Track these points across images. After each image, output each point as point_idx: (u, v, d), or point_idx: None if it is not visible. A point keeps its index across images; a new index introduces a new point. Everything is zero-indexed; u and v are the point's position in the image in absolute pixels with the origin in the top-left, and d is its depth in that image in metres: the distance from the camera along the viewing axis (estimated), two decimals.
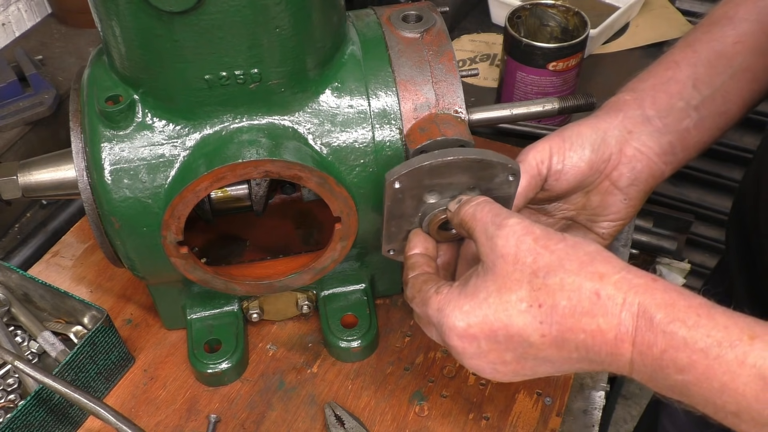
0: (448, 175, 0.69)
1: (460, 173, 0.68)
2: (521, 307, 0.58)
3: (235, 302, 0.93)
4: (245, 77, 0.70)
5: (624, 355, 0.55)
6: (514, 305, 0.58)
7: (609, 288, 0.55)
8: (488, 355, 0.60)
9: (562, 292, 0.56)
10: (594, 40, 1.35)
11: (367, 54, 0.78)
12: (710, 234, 1.91)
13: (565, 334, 0.56)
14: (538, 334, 0.57)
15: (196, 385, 0.90)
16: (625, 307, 0.54)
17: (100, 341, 0.86)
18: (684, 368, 0.53)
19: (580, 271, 0.56)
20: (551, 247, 0.58)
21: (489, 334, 0.59)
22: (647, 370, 0.55)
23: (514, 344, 0.59)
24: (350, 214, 0.78)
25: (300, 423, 0.86)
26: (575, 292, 0.56)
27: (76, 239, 1.09)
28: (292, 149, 0.73)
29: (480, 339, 0.59)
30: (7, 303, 0.95)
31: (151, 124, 0.74)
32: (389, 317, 0.96)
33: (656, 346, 0.53)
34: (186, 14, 0.64)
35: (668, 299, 0.54)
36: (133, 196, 0.74)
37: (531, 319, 0.57)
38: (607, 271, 0.56)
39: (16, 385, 0.90)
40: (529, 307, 0.57)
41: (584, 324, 0.55)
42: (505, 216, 0.61)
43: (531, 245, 0.58)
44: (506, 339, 0.59)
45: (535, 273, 0.58)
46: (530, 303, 0.57)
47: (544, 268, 0.57)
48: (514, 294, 0.58)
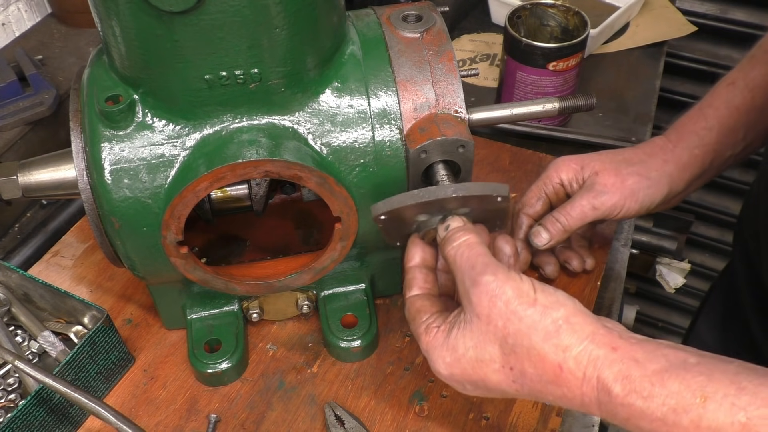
0: (435, 207, 0.69)
1: (447, 204, 0.69)
2: (495, 366, 0.62)
3: (235, 302, 0.93)
4: (245, 77, 0.70)
5: (593, 414, 0.60)
6: (488, 364, 0.62)
7: (570, 362, 0.58)
8: (474, 392, 0.66)
9: (530, 361, 0.60)
10: (594, 40, 1.35)
11: (367, 54, 0.78)
12: (710, 234, 1.91)
13: (536, 394, 0.62)
14: (512, 390, 0.62)
15: (196, 385, 0.90)
16: (585, 382, 0.58)
17: (100, 341, 0.86)
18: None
19: (545, 343, 0.59)
20: (520, 313, 0.60)
21: (470, 381, 0.64)
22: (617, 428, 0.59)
23: (494, 391, 0.64)
24: (350, 214, 0.78)
25: (300, 423, 0.86)
26: (540, 362, 0.59)
27: (76, 239, 1.09)
28: (292, 149, 0.73)
29: (464, 383, 0.65)
30: (7, 303, 0.95)
31: (151, 124, 0.74)
32: (389, 317, 0.96)
33: (619, 415, 0.57)
34: (186, 14, 0.64)
35: (624, 371, 0.56)
36: (133, 196, 0.74)
37: (504, 378, 0.62)
38: (571, 342, 0.58)
39: (17, 385, 0.90)
40: (502, 368, 0.62)
41: (551, 390, 0.60)
42: (479, 271, 0.63)
43: (502, 309, 0.61)
44: (485, 387, 0.64)
45: (505, 338, 0.61)
46: (502, 364, 0.62)
47: (513, 334, 0.60)
48: (488, 353, 0.62)
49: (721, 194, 1.82)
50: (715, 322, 1.09)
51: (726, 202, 1.82)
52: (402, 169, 0.78)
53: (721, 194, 1.81)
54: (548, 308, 0.60)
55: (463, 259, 0.64)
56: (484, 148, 1.19)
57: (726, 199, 1.82)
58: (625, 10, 1.41)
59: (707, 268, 1.98)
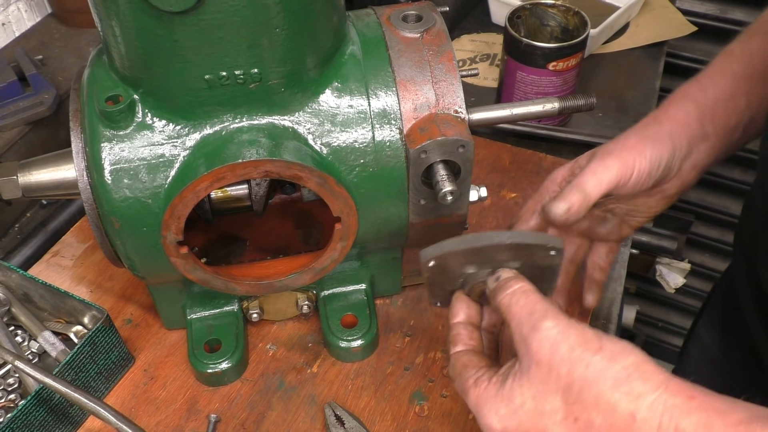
0: (485, 258, 0.67)
1: (498, 254, 0.66)
2: (556, 418, 0.57)
3: (235, 302, 0.93)
4: (245, 77, 0.70)
5: None
6: (549, 416, 0.57)
7: (644, 411, 0.54)
8: None
9: (597, 410, 0.55)
10: (594, 40, 1.35)
11: (367, 54, 0.78)
12: (710, 234, 1.91)
13: None
14: None
15: (196, 385, 0.90)
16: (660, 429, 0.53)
17: (100, 341, 0.86)
18: None
19: (615, 390, 0.55)
20: (587, 359, 0.56)
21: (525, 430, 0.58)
22: None
23: None
24: (350, 214, 0.78)
25: (300, 423, 0.86)
26: (610, 412, 0.55)
27: (76, 239, 1.09)
28: (292, 149, 0.73)
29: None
30: (7, 303, 0.95)
31: (151, 124, 0.74)
32: (389, 317, 0.96)
33: None
34: (186, 14, 0.64)
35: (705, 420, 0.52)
36: (133, 196, 0.74)
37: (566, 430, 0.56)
38: (644, 390, 0.54)
39: (17, 385, 0.90)
40: (564, 419, 0.57)
41: None
42: (539, 316, 0.59)
43: (566, 355, 0.57)
44: None
45: (569, 386, 0.56)
46: (565, 415, 0.56)
47: (579, 381, 0.56)
48: (549, 404, 0.57)
49: (721, 194, 1.82)
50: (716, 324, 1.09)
51: (726, 202, 1.82)
52: (402, 169, 0.78)
53: (721, 194, 1.81)
54: (616, 355, 0.56)
55: (519, 305, 0.61)
56: (484, 148, 1.19)
57: (726, 199, 1.82)
58: (625, 10, 1.41)
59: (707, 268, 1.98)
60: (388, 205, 0.80)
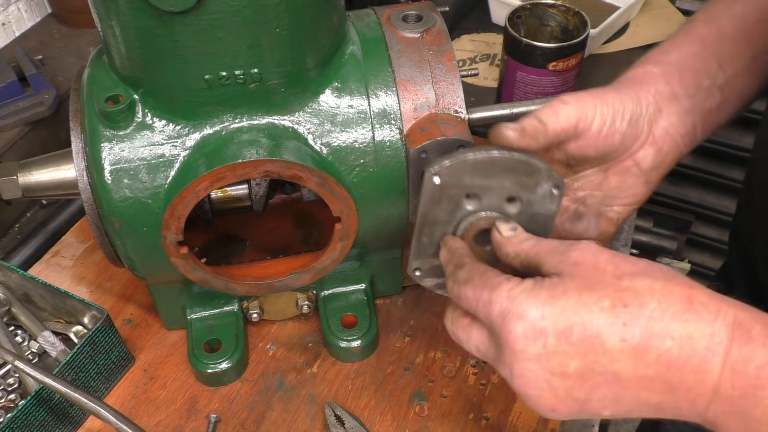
0: (491, 176, 0.64)
1: (502, 175, 0.64)
2: (604, 304, 0.51)
3: (235, 302, 0.93)
4: (245, 77, 0.70)
5: (711, 372, 0.49)
6: (596, 302, 0.51)
7: (701, 296, 0.51)
8: (551, 358, 0.52)
9: (652, 295, 0.51)
10: (594, 40, 1.35)
11: (367, 54, 0.78)
12: (710, 234, 1.91)
13: (648, 341, 0.50)
14: (617, 337, 0.51)
15: (196, 385, 0.90)
16: (719, 316, 0.50)
17: (100, 341, 0.86)
18: None
19: (668, 280, 0.52)
20: (631, 260, 0.54)
21: (562, 330, 0.52)
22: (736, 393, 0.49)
23: (586, 348, 0.51)
24: (350, 214, 0.78)
25: (300, 423, 0.86)
26: (666, 295, 0.51)
27: (76, 239, 1.09)
28: (292, 149, 0.73)
29: (548, 335, 0.52)
30: (7, 303, 0.95)
31: (151, 124, 0.74)
32: (389, 317, 0.96)
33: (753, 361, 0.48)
34: (186, 14, 0.64)
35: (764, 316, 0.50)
36: (133, 196, 0.74)
37: (614, 319, 0.51)
38: (696, 285, 0.52)
39: (17, 385, 0.90)
40: (613, 306, 0.51)
41: (673, 329, 0.50)
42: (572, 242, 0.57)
43: (610, 257, 0.54)
44: (580, 340, 0.51)
45: (619, 277, 0.53)
46: (614, 302, 0.51)
47: (629, 273, 0.53)
48: (597, 292, 0.52)
49: (721, 194, 1.82)
50: None
51: (726, 202, 1.82)
52: (402, 169, 0.78)
53: (721, 194, 1.81)
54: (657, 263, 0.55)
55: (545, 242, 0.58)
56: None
57: (726, 199, 1.82)
58: (625, 10, 1.41)
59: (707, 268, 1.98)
60: (388, 205, 0.80)
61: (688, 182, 1.83)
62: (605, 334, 0.51)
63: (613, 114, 0.69)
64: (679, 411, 0.52)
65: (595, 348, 0.51)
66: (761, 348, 0.48)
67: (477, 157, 0.62)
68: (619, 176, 0.73)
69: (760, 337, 0.48)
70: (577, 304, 0.52)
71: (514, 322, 0.53)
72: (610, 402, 0.53)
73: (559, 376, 0.53)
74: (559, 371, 0.53)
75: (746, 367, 0.49)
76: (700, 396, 0.50)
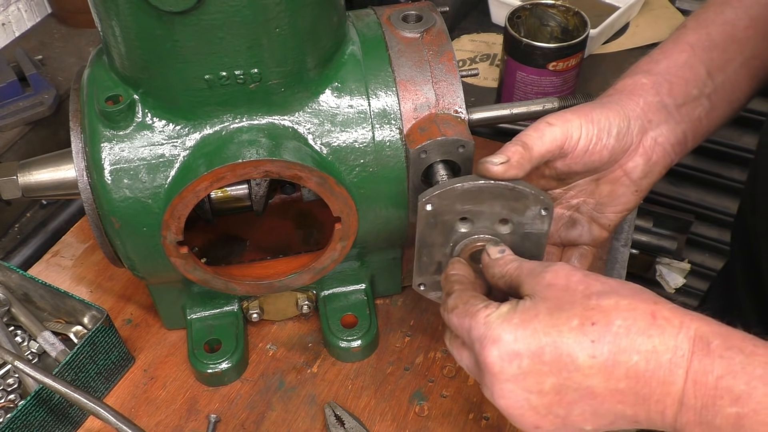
0: (480, 202, 0.68)
1: (491, 201, 0.67)
2: (573, 323, 0.55)
3: (235, 302, 0.93)
4: (245, 77, 0.70)
5: (676, 384, 0.52)
6: (566, 322, 0.55)
7: (665, 311, 0.54)
8: (527, 378, 0.56)
9: (618, 312, 0.54)
10: (594, 40, 1.35)
11: (367, 54, 0.78)
12: (710, 234, 1.91)
13: (617, 356, 0.53)
14: (587, 354, 0.54)
15: (196, 385, 0.90)
16: (682, 330, 0.53)
17: (100, 341, 0.86)
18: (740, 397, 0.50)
19: (634, 297, 0.55)
20: (601, 279, 0.57)
21: (535, 350, 0.55)
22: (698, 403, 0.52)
23: (559, 366, 0.55)
24: (350, 214, 0.78)
25: (300, 423, 0.86)
26: (631, 312, 0.54)
27: (76, 239, 1.09)
28: (292, 149, 0.73)
29: (523, 356, 0.56)
30: (7, 303, 0.95)
31: (151, 124, 0.74)
32: (389, 317, 0.96)
33: (712, 373, 0.51)
34: (186, 14, 0.64)
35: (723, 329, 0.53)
36: (133, 196, 0.74)
37: (582, 337, 0.54)
38: (660, 300, 0.55)
39: (16, 385, 0.90)
40: (581, 325, 0.54)
41: (639, 344, 0.53)
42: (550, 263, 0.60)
43: (581, 277, 0.57)
44: (552, 359, 0.55)
45: (588, 297, 0.56)
46: (582, 321, 0.54)
47: (597, 293, 0.56)
48: (566, 313, 0.55)
49: (721, 194, 1.81)
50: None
51: (726, 202, 1.82)
52: (402, 169, 0.78)
53: (721, 194, 1.81)
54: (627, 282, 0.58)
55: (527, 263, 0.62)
56: (484, 148, 1.18)
57: (726, 199, 1.81)
58: (625, 10, 1.41)
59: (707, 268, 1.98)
60: (388, 205, 0.80)
61: (688, 182, 1.82)
62: (575, 352, 0.54)
63: (599, 132, 0.70)
64: (653, 422, 0.55)
65: (568, 365, 0.55)
66: (719, 360, 0.51)
67: (465, 186, 0.67)
68: (610, 185, 0.75)
69: (718, 350, 0.51)
70: (547, 326, 0.55)
71: (490, 347, 0.57)
72: (589, 416, 0.56)
73: (537, 394, 0.56)
74: (536, 389, 0.56)
75: (706, 378, 0.51)
76: (668, 407, 0.53)
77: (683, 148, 0.75)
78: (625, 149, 0.72)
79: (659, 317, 0.53)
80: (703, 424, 0.52)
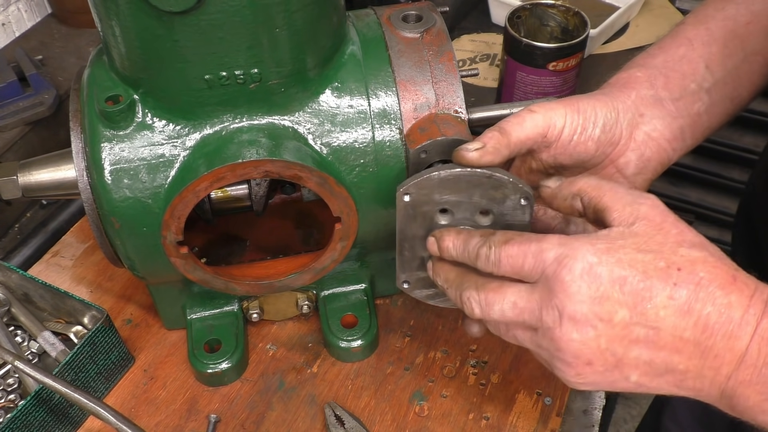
0: (459, 192, 0.67)
1: (470, 190, 0.66)
2: (660, 264, 0.55)
3: (235, 302, 0.93)
4: (245, 77, 0.70)
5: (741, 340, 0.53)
6: (652, 261, 0.55)
7: (743, 276, 0.56)
8: (603, 302, 0.55)
9: (704, 265, 0.55)
10: (594, 40, 1.35)
11: (367, 54, 0.78)
12: (710, 234, 1.91)
13: (692, 303, 0.54)
14: (666, 294, 0.54)
15: (196, 385, 0.90)
16: (757, 292, 0.54)
17: (100, 341, 0.86)
18: None
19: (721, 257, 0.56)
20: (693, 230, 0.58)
21: (617, 278, 0.55)
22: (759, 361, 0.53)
23: (636, 299, 0.55)
24: (350, 214, 0.78)
25: (300, 423, 0.86)
26: (715, 268, 0.55)
27: (76, 239, 1.09)
28: (292, 149, 0.73)
29: (603, 280, 0.55)
30: (7, 303, 0.95)
31: (151, 124, 0.74)
32: (389, 317, 0.96)
33: None
34: (186, 14, 0.64)
35: None
36: (133, 196, 0.74)
37: (666, 278, 0.54)
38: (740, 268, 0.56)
39: (16, 385, 0.89)
40: (668, 267, 0.55)
41: (716, 297, 0.54)
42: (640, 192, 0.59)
43: (676, 221, 0.58)
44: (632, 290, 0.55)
45: (680, 243, 0.56)
46: (669, 264, 0.55)
47: (689, 241, 0.57)
48: (655, 253, 0.55)
49: (721, 194, 1.82)
50: None
51: (726, 202, 1.82)
52: (402, 169, 0.78)
53: (721, 194, 1.81)
54: None
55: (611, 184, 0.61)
56: None
57: (726, 199, 1.82)
58: (625, 10, 1.41)
59: None
60: (388, 205, 0.80)
61: (688, 182, 1.83)
62: (656, 289, 0.54)
63: (584, 122, 0.69)
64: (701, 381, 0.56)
65: (644, 301, 0.55)
66: None
67: (441, 174, 0.66)
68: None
69: None
70: (634, 260, 0.55)
71: (572, 263, 0.55)
72: (642, 363, 0.56)
73: (606, 322, 0.55)
74: (607, 317, 0.55)
75: None
76: (725, 363, 0.54)
77: (681, 145, 0.74)
78: (613, 142, 0.71)
79: (739, 279, 0.55)
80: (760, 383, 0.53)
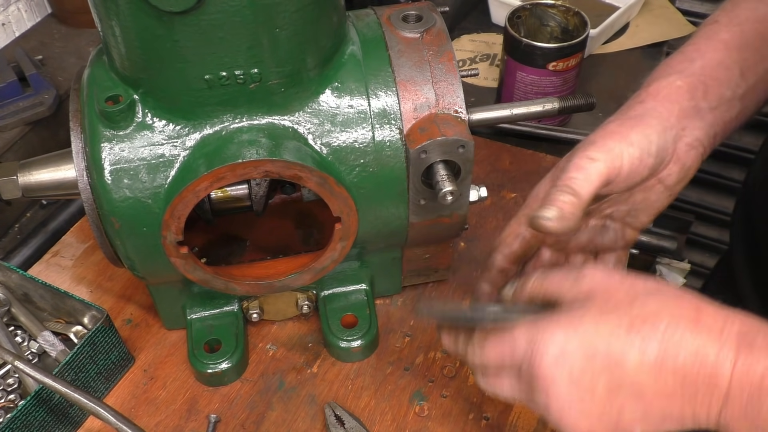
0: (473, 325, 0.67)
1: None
2: (623, 322, 0.56)
3: (235, 302, 0.93)
4: (245, 77, 0.70)
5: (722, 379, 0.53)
6: (615, 321, 0.56)
7: (709, 309, 0.55)
8: (581, 378, 0.56)
9: (665, 309, 0.55)
10: (594, 40, 1.35)
11: (367, 54, 0.78)
12: (710, 234, 1.91)
13: (664, 355, 0.54)
14: (637, 351, 0.55)
15: (196, 385, 0.90)
16: (726, 326, 0.54)
17: (100, 341, 0.86)
18: None
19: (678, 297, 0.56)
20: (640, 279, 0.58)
21: (587, 352, 0.56)
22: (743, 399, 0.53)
23: (611, 366, 0.55)
24: (350, 214, 0.78)
25: (300, 423, 0.86)
26: (677, 308, 0.55)
27: (76, 239, 1.09)
28: (292, 149, 0.73)
29: (576, 358, 0.56)
30: (7, 303, 0.95)
31: (151, 124, 0.74)
32: (389, 317, 0.96)
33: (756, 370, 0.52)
34: (186, 14, 0.64)
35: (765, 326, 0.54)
36: (133, 196, 0.74)
37: (632, 338, 0.55)
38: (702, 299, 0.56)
39: (16, 385, 0.90)
40: (630, 326, 0.55)
41: (685, 342, 0.54)
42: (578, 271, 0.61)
43: (620, 279, 0.58)
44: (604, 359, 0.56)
45: (634, 297, 0.57)
46: (631, 322, 0.55)
47: (642, 291, 0.57)
48: (613, 315, 0.56)
49: (721, 194, 1.81)
50: None
51: (726, 202, 1.82)
52: (402, 169, 0.78)
53: (721, 194, 1.81)
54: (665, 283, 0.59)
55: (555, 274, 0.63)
56: (484, 148, 1.19)
57: (726, 199, 1.81)
58: (625, 10, 1.41)
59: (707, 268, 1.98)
60: (388, 205, 0.80)
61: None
62: (626, 352, 0.55)
63: (641, 154, 0.68)
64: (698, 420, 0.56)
65: (619, 365, 0.55)
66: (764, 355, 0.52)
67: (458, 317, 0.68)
68: (644, 193, 0.74)
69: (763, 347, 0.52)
70: (596, 329, 0.56)
71: (544, 348, 0.57)
72: (639, 417, 0.57)
73: (590, 396, 0.56)
74: (589, 391, 0.56)
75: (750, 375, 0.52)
76: (713, 403, 0.54)
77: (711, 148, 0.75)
78: (662, 162, 0.71)
79: (704, 315, 0.55)
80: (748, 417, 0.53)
